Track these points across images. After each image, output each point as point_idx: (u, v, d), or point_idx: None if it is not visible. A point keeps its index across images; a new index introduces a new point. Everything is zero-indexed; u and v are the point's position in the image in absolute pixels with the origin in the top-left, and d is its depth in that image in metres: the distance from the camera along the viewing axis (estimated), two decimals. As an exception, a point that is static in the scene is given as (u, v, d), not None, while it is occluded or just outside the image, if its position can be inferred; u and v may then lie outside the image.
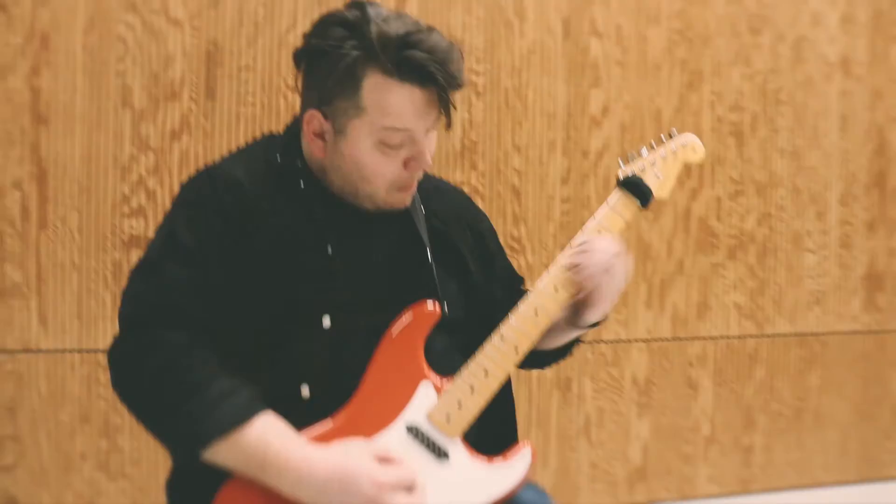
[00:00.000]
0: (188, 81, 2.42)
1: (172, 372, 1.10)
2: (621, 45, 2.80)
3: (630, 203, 1.32)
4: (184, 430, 1.08)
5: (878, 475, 3.13)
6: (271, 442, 1.08)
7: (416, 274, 1.28)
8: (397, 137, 1.18)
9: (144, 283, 1.17)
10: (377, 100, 1.16)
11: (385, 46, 1.14)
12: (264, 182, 1.24)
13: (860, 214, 3.09)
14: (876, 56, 3.09)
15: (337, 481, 1.06)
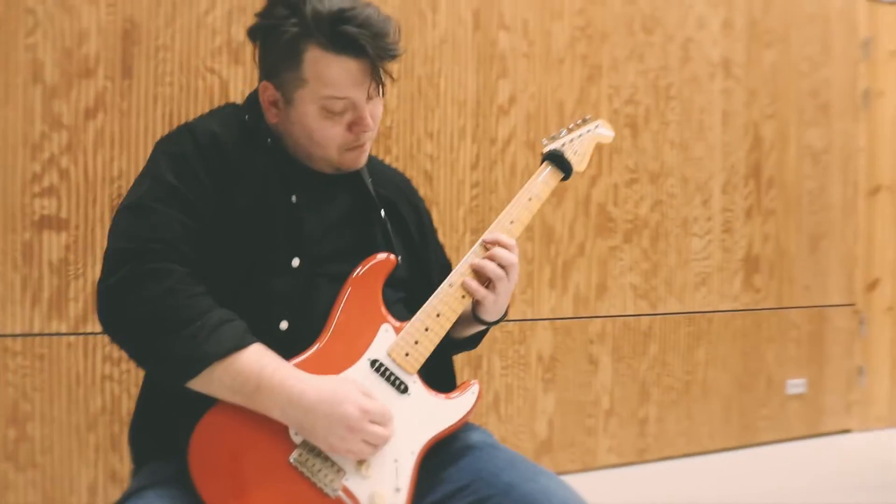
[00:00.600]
0: (104, 59, 2.34)
1: (174, 298, 1.13)
2: (527, 39, 2.92)
3: (556, 175, 1.43)
4: (184, 351, 1.12)
5: (755, 440, 3.39)
6: (266, 365, 1.14)
7: (369, 229, 1.38)
8: (339, 105, 1.27)
9: (136, 221, 1.20)
10: (316, 72, 1.24)
11: (320, 23, 1.22)
12: (237, 138, 1.31)
13: (739, 202, 3.34)
14: (751, 59, 3.35)
15: (326, 403, 1.13)
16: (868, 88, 3.61)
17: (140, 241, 1.17)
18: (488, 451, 1.29)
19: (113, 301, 1.16)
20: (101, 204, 2.35)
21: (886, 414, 3.69)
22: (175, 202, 1.21)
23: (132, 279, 1.15)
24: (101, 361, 2.35)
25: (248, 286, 1.23)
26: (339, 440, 1.13)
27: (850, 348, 3.61)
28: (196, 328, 1.12)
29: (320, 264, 1.29)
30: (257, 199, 1.27)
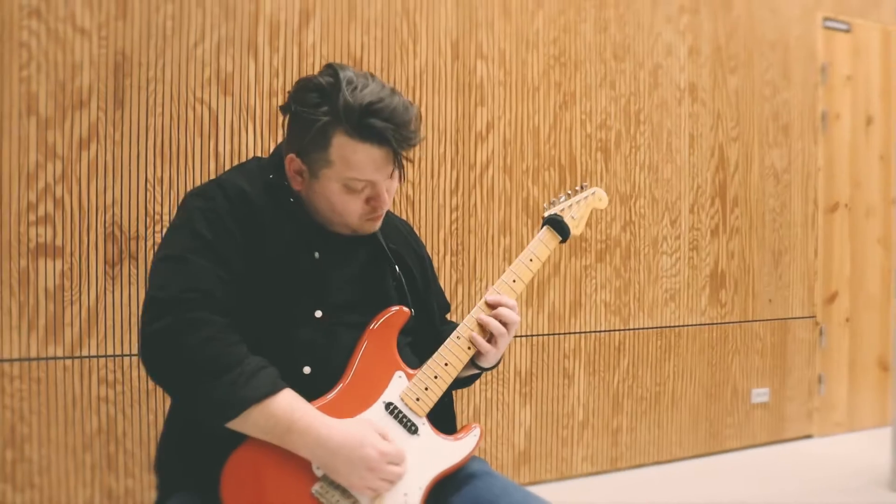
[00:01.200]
0: (96, 90, 2.39)
1: (214, 346, 1.23)
2: (504, 68, 3.01)
3: (554, 237, 1.56)
4: (224, 396, 1.21)
5: (721, 448, 3.51)
6: (297, 409, 1.25)
7: (383, 282, 1.50)
8: (360, 184, 1.37)
9: (174, 273, 1.28)
10: (343, 156, 1.34)
11: (349, 114, 1.31)
12: (263, 196, 1.40)
13: (706, 221, 3.46)
14: (716, 83, 3.47)
15: (348, 447, 1.24)
16: (825, 111, 3.75)
17: (178, 291, 1.26)
18: (486, 478, 1.41)
19: (156, 347, 1.25)
20: (95, 231, 2.40)
21: (844, 420, 3.83)
22: (209, 255, 1.30)
23: (174, 327, 1.23)
24: (97, 384, 2.40)
25: (273, 334, 1.32)
26: (360, 479, 1.25)
27: (810, 358, 3.74)
28: (235, 374, 1.22)
29: (339, 315, 1.39)
30: (282, 254, 1.37)
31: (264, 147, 2.60)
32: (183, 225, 1.35)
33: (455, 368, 1.41)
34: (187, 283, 1.27)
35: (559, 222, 1.56)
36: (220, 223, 1.33)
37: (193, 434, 1.32)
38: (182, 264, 1.29)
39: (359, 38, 2.75)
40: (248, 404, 1.22)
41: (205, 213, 1.33)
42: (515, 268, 1.49)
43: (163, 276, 1.30)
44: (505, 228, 3.00)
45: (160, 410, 2.47)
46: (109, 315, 2.42)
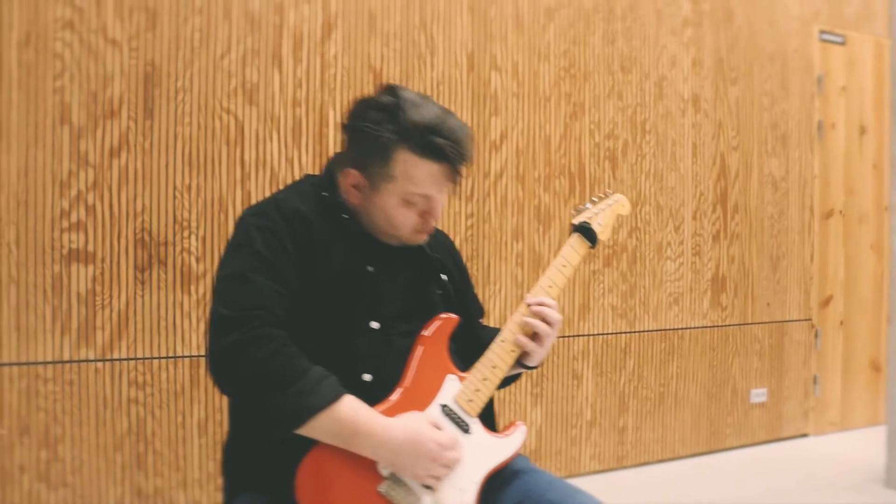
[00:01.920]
0: (126, 100, 2.42)
1: (280, 359, 1.28)
2: (517, 79, 3.05)
3: (583, 243, 1.60)
4: (293, 405, 1.26)
5: (721, 446, 3.57)
6: (360, 413, 1.30)
7: (430, 291, 1.56)
8: (418, 198, 1.43)
9: (238, 291, 1.33)
10: (405, 171, 1.40)
11: (414, 132, 1.38)
12: (318, 213, 1.46)
13: (708, 227, 3.52)
14: (718, 94, 3.53)
15: (410, 443, 1.30)
16: (821, 121, 3.81)
17: (243, 309, 1.30)
18: (532, 474, 1.47)
19: (225, 363, 1.29)
20: (126, 238, 2.42)
21: (838, 419, 3.90)
22: (269, 273, 1.35)
23: (241, 343, 1.27)
24: (127, 386, 2.43)
25: (333, 345, 1.37)
26: (423, 470, 1.31)
27: (806, 359, 3.81)
28: (302, 384, 1.27)
29: (392, 324, 1.44)
30: (338, 268, 1.42)
31: (288, 156, 2.63)
32: (244, 244, 1.39)
33: (502, 371, 1.46)
34: (252, 301, 1.31)
35: (588, 229, 1.60)
36: (278, 242, 1.37)
37: (259, 437, 1.36)
38: (246, 283, 1.34)
39: (379, 50, 2.79)
40: (316, 411, 1.27)
41: (263, 233, 1.38)
42: (551, 273, 1.54)
43: (228, 294, 1.34)
44: (518, 234, 3.05)
45: (188, 412, 2.50)
46: (139, 319, 2.44)
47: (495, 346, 1.47)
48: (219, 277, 1.39)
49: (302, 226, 1.41)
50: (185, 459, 2.51)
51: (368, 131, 1.40)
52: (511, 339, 1.47)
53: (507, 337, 1.47)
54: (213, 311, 1.34)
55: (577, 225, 1.60)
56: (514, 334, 1.48)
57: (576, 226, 1.60)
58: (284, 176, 2.63)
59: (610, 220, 1.66)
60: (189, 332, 2.51)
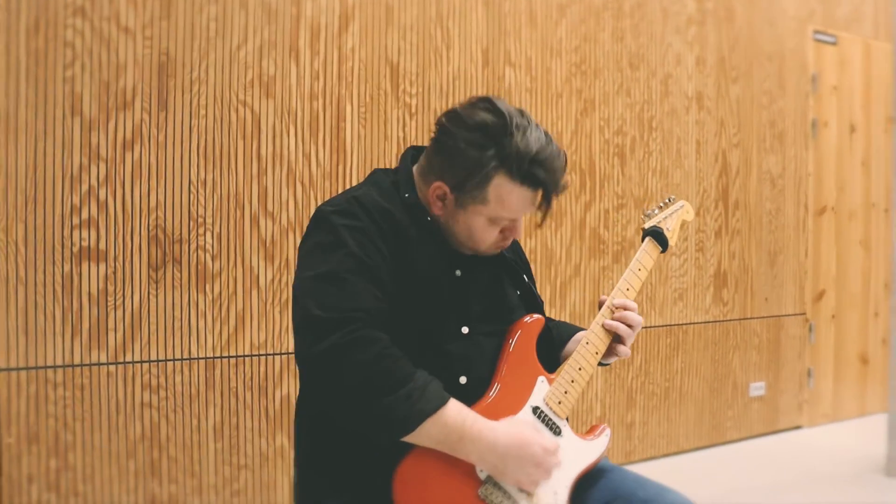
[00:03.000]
0: (140, 91, 2.24)
1: (385, 362, 1.18)
2: (530, 75, 2.93)
3: (656, 248, 1.54)
4: (403, 410, 1.17)
5: (722, 439, 3.51)
6: (466, 417, 1.21)
7: (509, 293, 1.46)
8: (504, 221, 1.36)
9: (335, 292, 1.22)
10: (499, 196, 1.31)
11: (519, 162, 1.28)
12: (403, 215, 1.34)
13: (710, 224, 3.44)
14: (720, 92, 3.46)
15: (516, 447, 1.22)
16: (815, 119, 3.77)
17: (342, 311, 1.19)
18: (618, 472, 1.40)
19: (327, 367, 1.17)
20: (139, 235, 2.25)
21: (830, 411, 3.88)
22: (365, 274, 1.24)
23: (343, 347, 1.16)
24: (140, 389, 2.26)
25: (427, 349, 1.27)
26: (527, 476, 1.23)
27: (801, 353, 3.77)
28: (410, 388, 1.17)
29: (479, 327, 1.35)
30: (428, 273, 1.32)
31: (305, 150, 2.48)
32: (334, 243, 1.26)
33: (588, 373, 1.39)
34: (351, 303, 1.20)
35: (660, 234, 1.54)
36: (371, 244, 1.27)
37: (342, 445, 1.26)
38: (342, 283, 1.22)
39: (396, 43, 2.65)
40: (426, 416, 1.17)
41: (353, 233, 1.26)
42: (628, 277, 1.48)
43: (323, 295, 1.21)
44: (530, 230, 2.93)
45: (203, 415, 2.34)
46: (153, 320, 2.28)
47: (581, 348, 1.40)
48: (306, 277, 1.26)
49: (391, 227, 1.30)
50: (200, 465, 2.34)
51: (468, 154, 1.29)
52: (595, 342, 1.41)
53: (592, 339, 1.41)
54: (303, 311, 1.22)
55: (648, 229, 1.55)
56: (599, 338, 1.41)
57: (647, 230, 1.54)
58: (301, 171, 2.48)
59: (676, 226, 1.61)
60: (204, 332, 2.34)
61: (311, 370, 1.21)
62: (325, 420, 1.29)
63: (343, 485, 1.27)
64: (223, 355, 2.38)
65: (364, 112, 2.58)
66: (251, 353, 2.41)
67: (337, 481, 1.28)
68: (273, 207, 2.43)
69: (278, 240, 2.44)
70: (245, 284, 2.40)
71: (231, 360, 2.39)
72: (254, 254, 2.41)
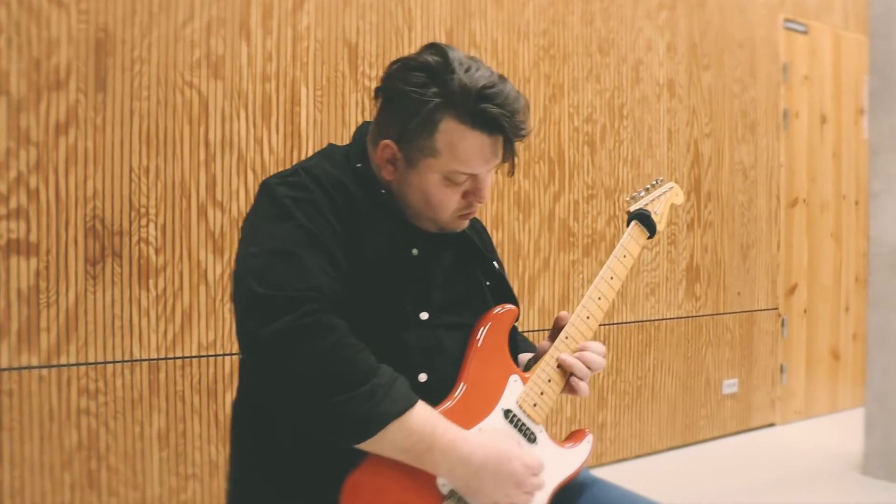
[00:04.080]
0: (75, 70, 2.08)
1: (344, 352, 1.03)
2: (497, 58, 2.83)
3: (642, 232, 1.41)
4: (363, 410, 1.02)
5: (695, 439, 3.45)
6: (438, 423, 1.07)
7: (475, 280, 1.31)
8: (462, 178, 1.21)
9: (284, 267, 1.07)
10: (450, 143, 1.17)
11: (465, 98, 1.15)
12: (356, 187, 1.20)
13: (682, 216, 3.38)
14: (692, 80, 3.40)
15: (493, 463, 1.09)
16: (787, 109, 3.74)
17: (293, 290, 1.04)
18: (601, 485, 1.29)
19: (276, 354, 1.02)
20: (75, 226, 2.09)
21: (803, 407, 3.85)
22: (316, 249, 1.09)
23: (295, 331, 1.01)
24: (77, 394, 2.10)
25: (381, 339, 1.11)
26: (505, 496, 1.10)
27: (773, 348, 3.73)
28: (373, 385, 1.03)
29: (440, 316, 1.21)
30: (383, 251, 1.17)
31: (257, 135, 2.34)
32: (281, 216, 1.12)
33: (566, 372, 1.25)
34: (302, 280, 1.05)
35: (647, 217, 1.40)
36: (322, 216, 1.12)
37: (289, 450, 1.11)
38: (290, 258, 1.07)
39: (354, 23, 2.52)
40: (390, 419, 1.03)
41: (301, 205, 1.12)
42: (612, 264, 1.35)
43: (269, 271, 1.06)
44: (498, 222, 2.83)
45: (146, 422, 2.19)
46: (90, 318, 2.12)
47: (559, 343, 1.26)
48: (249, 254, 1.11)
49: (344, 200, 1.16)
50: (143, 475, 2.19)
51: (409, 95, 1.16)
52: (577, 336, 1.27)
53: (572, 333, 1.27)
54: (246, 291, 1.06)
55: (634, 213, 1.41)
56: (581, 331, 1.28)
57: (633, 213, 1.41)
58: (252, 158, 2.34)
59: (665, 210, 1.48)
60: (148, 332, 2.19)
61: (258, 356, 1.05)
62: (268, 419, 1.14)
63: (287, 497, 1.12)
64: (168, 356, 2.23)
65: (320, 95, 2.45)
66: (199, 353, 2.26)
67: (280, 493, 1.13)
68: (222, 197, 2.29)
69: (228, 232, 2.29)
70: (192, 280, 2.25)
71: (177, 361, 2.24)
72: (201, 247, 2.26)
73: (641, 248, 1.41)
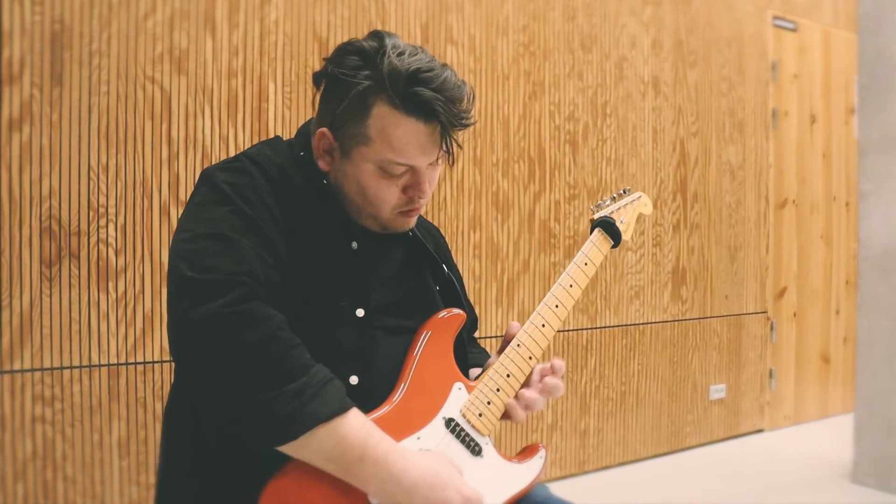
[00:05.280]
0: (29, 63, 2.02)
1: (275, 346, 0.97)
2: (474, 55, 2.78)
3: (606, 241, 1.36)
4: (287, 410, 0.95)
5: (682, 445, 3.39)
6: (372, 433, 1.01)
7: (422, 284, 1.26)
8: (399, 168, 1.15)
9: (219, 251, 1.01)
10: (383, 130, 1.12)
11: (395, 80, 1.10)
12: (297, 174, 1.16)
13: (668, 217, 3.33)
14: (678, 78, 3.35)
15: (427, 486, 1.02)
16: (776, 108, 3.69)
17: (225, 274, 0.99)
18: None
19: (201, 340, 0.96)
20: (30, 226, 2.03)
21: (792, 413, 3.79)
22: (252, 235, 1.04)
23: (225, 318, 0.95)
24: (31, 401, 2.03)
25: (312, 334, 1.05)
26: None
27: (762, 353, 3.68)
28: (302, 384, 0.96)
29: (378, 317, 1.15)
30: (320, 242, 1.12)
31: (222, 133, 2.28)
32: (218, 202, 1.07)
33: (517, 381, 1.19)
34: (234, 265, 1.00)
35: (612, 225, 1.35)
36: (261, 202, 1.07)
37: (215, 455, 1.05)
38: (224, 242, 1.02)
39: (325, 17, 2.46)
40: (317, 422, 0.96)
41: (241, 190, 1.07)
42: (572, 272, 1.29)
43: (201, 255, 1.01)
44: (475, 223, 2.77)
45: (105, 429, 2.12)
46: (46, 322, 2.05)
47: (511, 351, 1.20)
48: (181, 239, 1.05)
49: (285, 187, 1.11)
50: (102, 485, 2.13)
51: (340, 78, 1.12)
52: (530, 345, 1.22)
53: (525, 341, 1.22)
54: (176, 275, 1.01)
55: (598, 220, 1.37)
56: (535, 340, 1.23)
57: (596, 221, 1.37)
58: (217, 156, 2.28)
59: (632, 219, 1.43)
60: (107, 336, 2.13)
61: (183, 342, 0.98)
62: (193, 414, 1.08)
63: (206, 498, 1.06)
64: (129, 361, 2.16)
65: (289, 91, 2.39)
66: (161, 358, 2.20)
67: (200, 493, 1.07)
68: (185, 196, 2.23)
69: (192, 232, 2.23)
70: (154, 282, 2.19)
71: (138, 366, 2.18)
72: (163, 248, 2.20)
73: (604, 256, 1.35)
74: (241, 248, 1.02)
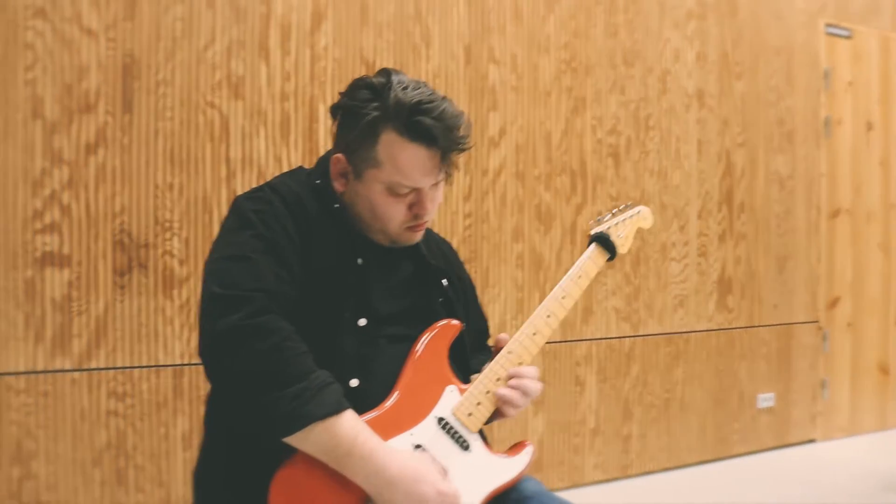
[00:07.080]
0: (104, 93, 2.26)
1: (282, 354, 1.15)
2: (516, 73, 2.91)
3: (602, 254, 1.47)
4: (289, 409, 1.13)
5: (728, 453, 3.43)
6: (360, 432, 1.16)
7: (427, 295, 1.42)
8: (404, 189, 1.32)
9: (241, 270, 1.21)
10: (390, 155, 1.29)
11: (400, 110, 1.27)
12: (312, 200, 1.34)
13: (713, 227, 3.38)
14: (723, 90, 3.40)
15: (407, 480, 1.16)
16: (829, 117, 3.69)
17: (242, 289, 1.18)
18: (543, 499, 1.33)
19: (223, 348, 1.15)
20: (104, 240, 2.27)
21: (847, 424, 3.77)
22: (270, 255, 1.23)
23: (242, 330, 1.14)
24: (106, 397, 2.27)
25: (318, 343, 1.22)
26: None
27: (814, 363, 3.68)
28: (301, 387, 1.14)
29: (381, 326, 1.31)
30: (329, 260, 1.30)
31: (276, 153, 2.48)
32: (242, 227, 1.27)
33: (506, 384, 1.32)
34: (252, 281, 1.19)
35: (606, 239, 1.47)
36: (280, 226, 1.26)
37: (240, 445, 1.22)
38: (245, 262, 1.21)
39: (371, 42, 2.64)
40: (310, 421, 1.13)
41: (263, 216, 1.26)
42: (565, 284, 1.41)
43: (226, 274, 1.21)
44: (518, 235, 2.90)
45: (171, 424, 2.35)
46: (118, 326, 2.29)
47: (501, 357, 1.33)
48: (212, 260, 1.26)
49: (299, 210, 1.30)
50: (168, 474, 2.35)
51: (354, 110, 1.31)
52: (521, 353, 1.34)
53: (516, 349, 1.34)
54: (205, 292, 1.20)
55: (595, 235, 1.48)
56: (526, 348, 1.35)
57: (594, 236, 1.49)
58: (272, 174, 2.47)
59: (631, 232, 1.54)
60: (171, 339, 2.35)
61: (211, 350, 1.17)
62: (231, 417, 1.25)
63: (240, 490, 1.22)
64: (191, 363, 2.38)
65: (338, 113, 2.57)
66: (220, 360, 2.41)
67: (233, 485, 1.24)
68: (242, 211, 2.43)
69: (248, 244, 2.44)
70: (213, 290, 2.40)
71: (199, 367, 2.38)
72: (222, 259, 2.41)
73: (599, 269, 1.47)
74: (259, 267, 1.21)
